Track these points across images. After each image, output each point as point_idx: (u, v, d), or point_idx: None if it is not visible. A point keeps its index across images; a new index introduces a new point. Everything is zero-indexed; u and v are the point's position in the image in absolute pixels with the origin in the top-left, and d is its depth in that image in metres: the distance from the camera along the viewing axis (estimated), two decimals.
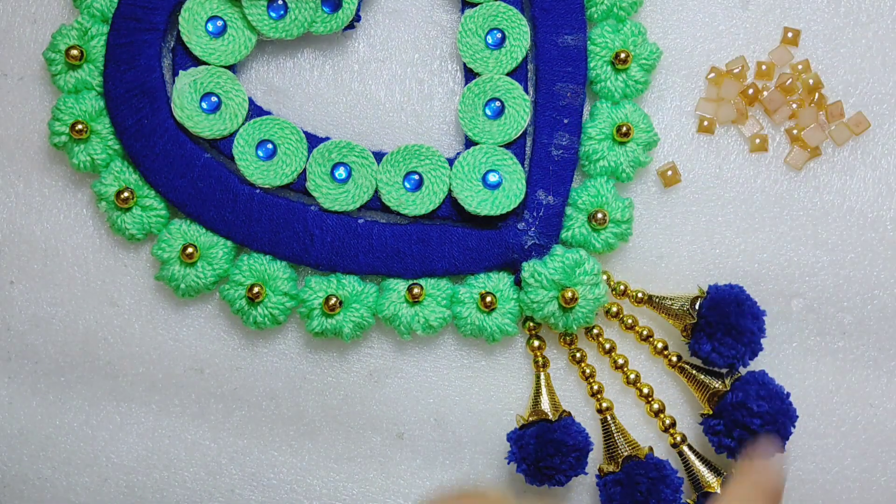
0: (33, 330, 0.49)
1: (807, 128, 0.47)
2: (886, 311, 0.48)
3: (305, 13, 0.46)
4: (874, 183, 0.48)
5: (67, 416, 0.49)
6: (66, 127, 0.46)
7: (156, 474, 0.49)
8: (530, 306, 0.45)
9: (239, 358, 0.48)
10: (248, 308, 0.46)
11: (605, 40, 0.46)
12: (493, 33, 0.46)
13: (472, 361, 0.48)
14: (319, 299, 0.46)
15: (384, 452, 0.48)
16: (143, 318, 0.48)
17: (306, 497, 0.48)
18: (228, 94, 0.46)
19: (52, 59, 0.46)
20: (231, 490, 0.48)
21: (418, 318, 0.46)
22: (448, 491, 0.45)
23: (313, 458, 0.48)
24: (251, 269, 0.46)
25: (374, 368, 0.48)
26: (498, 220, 0.46)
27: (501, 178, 0.46)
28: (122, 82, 0.46)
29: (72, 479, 0.49)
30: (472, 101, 0.46)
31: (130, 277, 0.48)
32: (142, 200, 0.47)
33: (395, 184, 0.46)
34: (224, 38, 0.46)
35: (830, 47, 0.48)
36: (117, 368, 0.48)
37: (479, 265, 0.46)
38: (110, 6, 0.46)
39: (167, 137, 0.46)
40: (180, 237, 0.46)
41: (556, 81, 0.46)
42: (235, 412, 0.48)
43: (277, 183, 0.46)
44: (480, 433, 0.48)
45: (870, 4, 0.48)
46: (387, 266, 0.46)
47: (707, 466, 0.46)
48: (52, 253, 0.49)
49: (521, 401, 0.48)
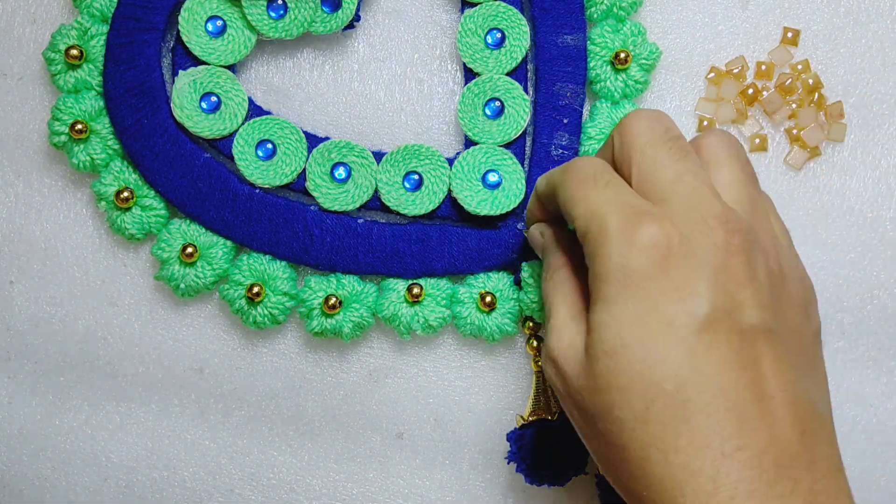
0: (33, 330, 0.49)
1: (806, 128, 0.47)
2: (886, 311, 0.48)
3: (305, 13, 0.46)
4: (874, 183, 0.48)
5: (67, 416, 0.49)
6: (65, 127, 0.46)
7: (155, 474, 0.49)
8: (530, 306, 0.45)
9: (239, 358, 0.48)
10: (248, 308, 0.46)
11: (605, 40, 0.46)
12: (493, 33, 0.46)
13: (472, 361, 0.48)
14: (319, 299, 0.46)
15: (384, 452, 0.48)
16: (142, 318, 0.48)
17: (306, 497, 0.48)
18: (228, 93, 0.46)
19: (52, 59, 0.46)
20: (230, 490, 0.48)
21: (418, 318, 0.46)
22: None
23: (313, 458, 0.48)
24: (251, 269, 0.46)
25: (374, 368, 0.48)
26: (498, 220, 0.46)
27: (501, 178, 0.46)
28: (121, 82, 0.46)
29: (72, 479, 0.49)
30: (471, 101, 0.46)
31: (130, 277, 0.48)
32: (141, 200, 0.47)
33: (394, 184, 0.46)
34: (224, 38, 0.46)
35: (830, 47, 0.48)
36: (117, 368, 0.48)
37: (478, 265, 0.46)
38: (110, 6, 0.46)
39: (167, 137, 0.46)
40: (180, 237, 0.46)
41: (555, 81, 0.46)
42: (235, 412, 0.48)
43: (277, 183, 0.46)
44: (480, 433, 0.48)
45: (870, 4, 0.48)
46: (386, 266, 0.46)
47: None
48: (51, 253, 0.49)
49: (521, 401, 0.48)
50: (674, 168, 0.36)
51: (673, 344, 0.33)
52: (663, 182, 0.36)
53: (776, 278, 0.36)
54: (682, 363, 0.33)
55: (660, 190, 0.36)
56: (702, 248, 0.34)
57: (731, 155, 0.38)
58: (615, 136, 0.38)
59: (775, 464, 0.32)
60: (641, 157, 0.37)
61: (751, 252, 0.35)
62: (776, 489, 0.32)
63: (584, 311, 0.37)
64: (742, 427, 0.32)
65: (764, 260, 0.35)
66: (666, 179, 0.36)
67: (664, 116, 0.38)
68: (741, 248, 0.34)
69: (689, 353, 0.33)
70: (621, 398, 0.34)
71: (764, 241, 0.36)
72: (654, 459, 0.33)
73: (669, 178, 0.36)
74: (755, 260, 0.35)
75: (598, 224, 0.35)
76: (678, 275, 0.34)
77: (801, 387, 0.34)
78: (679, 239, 0.34)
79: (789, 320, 0.35)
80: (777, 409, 0.33)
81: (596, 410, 0.35)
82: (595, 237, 0.35)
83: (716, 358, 0.33)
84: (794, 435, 0.33)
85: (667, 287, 0.33)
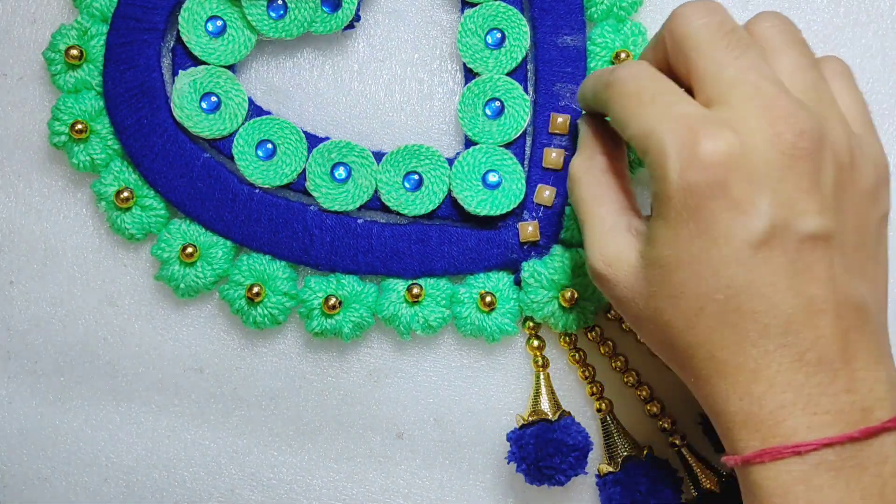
0: (33, 330, 0.49)
1: None
2: None
3: (305, 13, 0.46)
4: None
5: (67, 416, 0.49)
6: (65, 127, 0.46)
7: (155, 474, 0.49)
8: (530, 306, 0.45)
9: (239, 358, 0.48)
10: (248, 308, 0.46)
11: (606, 40, 0.46)
12: (493, 33, 0.46)
13: (472, 361, 0.48)
14: (319, 299, 0.46)
15: (384, 452, 0.48)
16: (142, 318, 0.48)
17: (306, 497, 0.48)
18: (228, 93, 0.46)
19: (52, 59, 0.46)
20: (231, 490, 0.48)
21: (418, 318, 0.46)
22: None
23: (313, 458, 0.48)
24: (251, 269, 0.46)
25: (374, 368, 0.48)
26: (498, 220, 0.46)
27: (501, 178, 0.46)
28: (121, 82, 0.46)
29: (72, 479, 0.49)
30: (471, 100, 0.46)
31: (130, 277, 0.48)
32: (141, 200, 0.47)
33: (394, 184, 0.46)
34: (224, 38, 0.46)
35: (830, 47, 0.48)
36: (117, 368, 0.48)
37: (478, 265, 0.46)
38: (110, 6, 0.46)
39: (166, 137, 0.46)
40: (180, 237, 0.46)
41: (555, 81, 0.46)
42: (235, 412, 0.48)
43: (277, 183, 0.46)
44: (480, 433, 0.48)
45: (870, 4, 0.48)
46: (386, 266, 0.46)
47: (707, 466, 0.46)
48: (51, 253, 0.49)
49: (521, 401, 0.48)
50: (734, 65, 0.35)
51: (729, 259, 0.33)
52: (724, 82, 0.35)
53: (845, 172, 0.35)
54: (735, 276, 0.34)
55: (722, 91, 0.35)
56: (765, 159, 0.33)
57: (789, 40, 0.36)
58: (666, 34, 0.37)
59: (818, 360, 0.34)
60: (698, 56, 0.35)
61: (818, 153, 0.34)
62: (815, 379, 0.33)
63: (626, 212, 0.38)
64: (787, 330, 0.34)
65: (832, 156, 0.35)
66: (727, 79, 0.35)
67: (718, 7, 0.36)
68: (808, 153, 0.34)
69: (743, 266, 0.33)
70: (673, 305, 0.35)
71: (834, 132, 0.35)
72: (700, 356, 0.35)
73: (731, 76, 0.35)
74: (823, 160, 0.34)
75: (655, 144, 0.34)
76: (739, 190, 0.33)
77: (851, 287, 0.34)
78: (741, 150, 0.33)
79: (853, 216, 0.35)
80: (824, 313, 0.34)
81: (646, 315, 0.36)
82: (654, 158, 0.34)
83: (769, 269, 0.33)
84: (838, 333, 0.34)
85: (727, 204, 0.33)
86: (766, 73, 0.35)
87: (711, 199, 0.33)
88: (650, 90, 0.36)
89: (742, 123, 0.34)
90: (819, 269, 0.34)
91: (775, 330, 0.34)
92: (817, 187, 0.34)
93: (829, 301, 0.34)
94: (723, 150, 0.33)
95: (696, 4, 0.36)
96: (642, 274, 0.36)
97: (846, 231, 0.35)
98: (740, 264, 0.33)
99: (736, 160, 0.33)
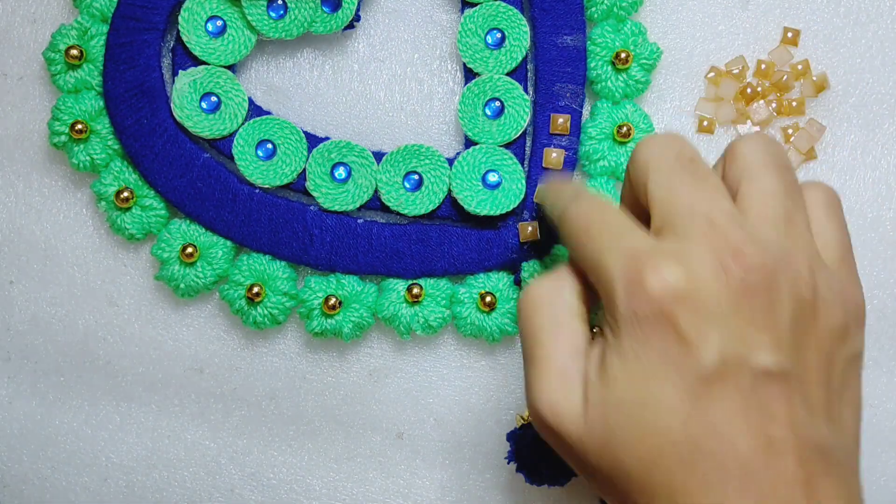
0: (33, 330, 0.49)
1: (795, 134, 0.47)
2: (886, 311, 0.48)
3: (305, 13, 0.46)
4: (874, 183, 0.48)
5: (67, 416, 0.49)
6: (65, 127, 0.46)
7: (155, 474, 0.49)
8: None
9: (239, 358, 0.48)
10: (248, 308, 0.46)
11: (606, 40, 0.46)
12: (493, 33, 0.46)
13: (472, 361, 0.48)
14: (319, 299, 0.46)
15: (384, 452, 0.48)
16: (142, 318, 0.48)
17: (306, 497, 0.48)
18: (228, 93, 0.46)
19: (52, 59, 0.46)
20: (231, 490, 0.48)
21: (418, 318, 0.46)
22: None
23: (313, 458, 0.48)
24: (251, 269, 0.46)
25: (374, 368, 0.48)
26: (498, 220, 0.46)
27: (501, 178, 0.46)
28: (121, 82, 0.46)
29: (72, 479, 0.49)
30: (471, 100, 0.46)
31: (130, 277, 0.48)
32: (141, 200, 0.47)
33: (394, 184, 0.46)
34: (224, 38, 0.46)
35: (830, 47, 0.48)
36: (117, 368, 0.48)
37: (478, 265, 0.46)
38: (110, 6, 0.46)
39: (166, 137, 0.46)
40: (180, 237, 0.46)
41: (555, 81, 0.46)
42: (235, 412, 0.48)
43: (277, 183, 0.46)
44: (480, 433, 0.48)
45: (870, 4, 0.48)
46: (386, 266, 0.46)
47: None
48: (51, 253, 0.49)
49: (521, 401, 0.48)
50: (687, 195, 0.34)
51: (683, 394, 0.32)
52: (675, 212, 0.34)
53: (805, 308, 0.33)
54: (691, 414, 0.32)
55: (672, 220, 0.34)
56: (713, 292, 0.32)
57: (768, 163, 0.35)
58: (629, 164, 0.36)
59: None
60: (652, 184, 0.35)
61: (771, 287, 0.33)
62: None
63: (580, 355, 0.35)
64: (746, 473, 0.32)
65: (791, 289, 0.33)
66: (679, 208, 0.34)
67: (676, 138, 0.36)
68: (760, 286, 0.32)
69: (697, 404, 0.32)
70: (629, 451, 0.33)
71: (796, 264, 0.33)
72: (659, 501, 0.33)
73: (682, 206, 0.34)
74: (777, 295, 0.33)
75: (603, 275, 0.33)
76: (686, 323, 0.32)
77: (815, 428, 0.33)
78: (686, 283, 0.32)
79: (815, 354, 0.34)
80: (784, 454, 0.32)
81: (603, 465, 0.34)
82: (602, 289, 0.34)
83: (723, 407, 0.32)
84: (802, 478, 0.32)
85: (676, 338, 0.32)
86: (721, 204, 0.34)
87: (660, 332, 0.32)
88: (598, 224, 0.35)
89: (689, 255, 0.33)
90: (777, 408, 0.32)
91: (734, 473, 0.31)
92: (772, 322, 0.32)
93: (788, 442, 0.32)
94: (667, 282, 0.32)
95: (658, 135, 0.36)
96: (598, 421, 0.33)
97: (808, 369, 0.33)
98: (695, 400, 0.32)
99: (682, 293, 0.32)
